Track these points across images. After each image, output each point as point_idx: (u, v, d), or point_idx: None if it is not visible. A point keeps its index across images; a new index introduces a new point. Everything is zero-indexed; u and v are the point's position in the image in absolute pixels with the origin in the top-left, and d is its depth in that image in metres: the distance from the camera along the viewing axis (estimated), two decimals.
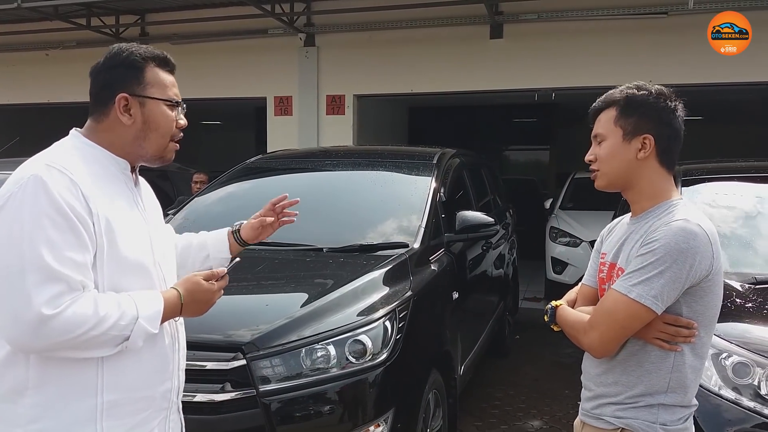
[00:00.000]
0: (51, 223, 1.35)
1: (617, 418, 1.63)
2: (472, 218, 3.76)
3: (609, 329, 1.57)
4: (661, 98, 1.63)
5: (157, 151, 1.57)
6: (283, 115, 8.43)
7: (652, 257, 1.52)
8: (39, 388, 1.40)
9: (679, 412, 1.61)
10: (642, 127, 1.61)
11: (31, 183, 1.37)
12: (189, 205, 4.06)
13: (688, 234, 1.51)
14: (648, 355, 1.59)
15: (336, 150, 5.10)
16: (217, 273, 1.60)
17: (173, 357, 1.59)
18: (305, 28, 8.17)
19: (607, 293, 1.61)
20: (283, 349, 2.50)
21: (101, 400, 1.43)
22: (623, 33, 7.08)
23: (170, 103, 1.57)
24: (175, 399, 1.61)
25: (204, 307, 1.60)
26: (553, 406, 4.45)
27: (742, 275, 3.05)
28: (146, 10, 8.52)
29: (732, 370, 2.42)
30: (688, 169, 3.99)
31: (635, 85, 1.67)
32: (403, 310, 2.81)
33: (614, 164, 1.65)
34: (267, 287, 3.06)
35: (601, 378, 1.68)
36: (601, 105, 1.69)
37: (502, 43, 7.52)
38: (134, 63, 1.54)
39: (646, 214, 1.64)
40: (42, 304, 1.31)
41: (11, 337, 1.36)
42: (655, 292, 1.50)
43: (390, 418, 2.61)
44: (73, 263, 1.36)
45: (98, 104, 1.54)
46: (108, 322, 1.37)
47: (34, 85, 9.28)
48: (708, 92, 7.60)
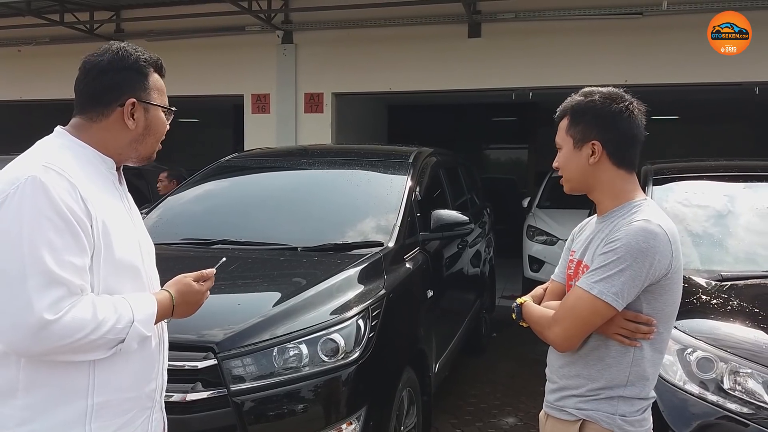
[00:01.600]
0: (51, 226, 1.33)
1: (579, 410, 1.68)
2: (446, 217, 3.78)
3: (572, 325, 1.62)
4: (608, 102, 1.68)
5: (148, 153, 1.60)
6: (260, 112, 8.38)
7: (613, 256, 1.57)
8: (29, 390, 1.38)
9: (638, 404, 1.66)
10: (588, 134, 1.67)
11: (29, 184, 1.34)
12: (163, 204, 4.03)
13: (648, 234, 1.56)
14: (609, 350, 1.65)
15: (312, 148, 5.10)
16: (206, 274, 1.63)
17: (159, 357, 1.60)
18: (283, 26, 8.13)
19: (571, 290, 1.68)
20: (255, 349, 2.49)
21: (91, 401, 1.42)
22: (599, 33, 7.16)
23: (168, 109, 1.61)
24: (158, 398, 1.62)
25: (193, 308, 1.62)
26: (528, 403, 4.49)
27: (710, 272, 3.11)
28: (121, 6, 8.41)
29: (696, 365, 2.46)
30: (660, 169, 4.05)
31: (583, 92, 1.73)
32: (377, 308, 2.82)
33: (571, 170, 1.73)
34: (240, 286, 3.05)
35: (563, 371, 1.73)
36: (559, 114, 1.77)
37: (480, 42, 7.56)
38: (142, 68, 1.55)
39: (610, 214, 1.69)
40: (44, 309, 1.30)
41: (10, 341, 1.34)
42: (615, 289, 1.56)
43: (362, 416, 2.61)
44: (73, 267, 1.35)
45: (97, 104, 1.52)
46: (105, 326, 1.37)
47: (6, 82, 9.12)
48: (683, 92, 7.72)
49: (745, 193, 3.87)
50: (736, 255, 3.48)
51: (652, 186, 3.80)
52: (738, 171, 4.14)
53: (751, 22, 6.27)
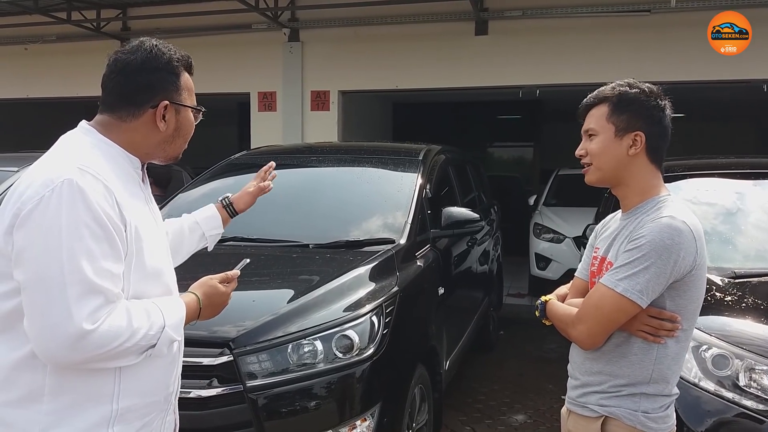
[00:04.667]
0: (90, 233, 1.30)
1: (601, 406, 1.67)
2: (457, 214, 3.79)
3: (596, 322, 1.62)
4: (652, 97, 1.68)
5: (176, 153, 1.58)
6: (266, 110, 8.38)
7: (638, 253, 1.56)
8: (55, 396, 1.35)
9: (661, 400, 1.66)
10: (633, 124, 1.65)
11: (66, 188, 1.30)
12: (172, 201, 4.04)
13: (673, 230, 1.56)
14: (632, 347, 1.64)
15: (321, 146, 5.10)
16: (230, 275, 1.63)
17: (179, 360, 1.59)
18: (289, 24, 8.13)
19: (594, 287, 1.66)
20: (269, 345, 2.50)
21: (116, 406, 1.40)
22: (607, 30, 7.14)
23: (198, 109, 1.59)
24: (173, 400, 1.61)
25: (218, 309, 1.62)
26: (536, 401, 4.50)
27: (722, 270, 3.11)
28: (128, 3, 8.41)
29: (711, 362, 2.47)
30: (670, 166, 4.03)
31: (627, 83, 1.71)
32: (390, 305, 2.82)
33: (606, 159, 1.68)
34: (253, 283, 3.05)
35: (586, 367, 1.72)
36: (592, 101, 1.73)
37: (486, 40, 7.54)
38: (175, 69, 1.52)
39: (636, 209, 1.68)
40: (83, 319, 1.28)
41: (47, 350, 1.31)
42: (640, 286, 1.55)
43: (376, 413, 2.62)
44: (110, 275, 1.33)
45: (128, 104, 1.48)
46: (140, 333, 1.36)
47: (13, 79, 9.13)
48: (690, 89, 7.70)
49: (756, 190, 3.87)
50: (747, 252, 3.48)
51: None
52: (748, 168, 4.13)
53: (755, 20, 6.26)
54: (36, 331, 1.30)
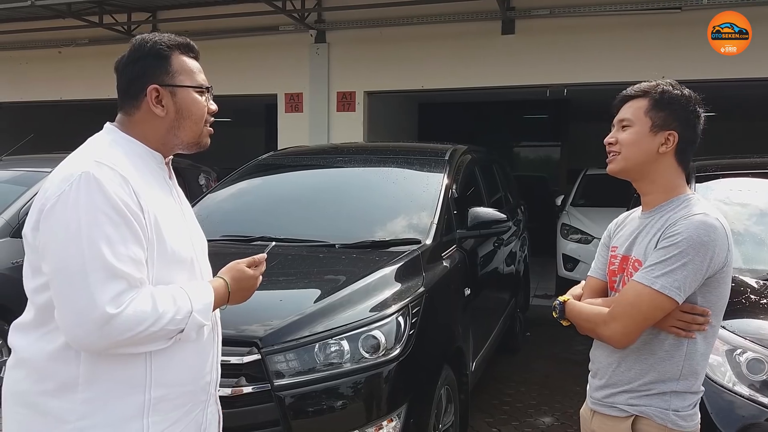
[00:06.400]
0: (108, 221, 1.33)
1: (631, 405, 1.67)
2: (484, 215, 3.76)
3: (632, 320, 1.61)
4: (691, 102, 1.71)
5: (193, 138, 1.56)
6: (293, 111, 8.44)
7: (675, 249, 1.57)
8: (90, 384, 1.39)
9: (689, 398, 1.66)
10: (669, 123, 1.68)
11: (84, 180, 1.35)
12: (202, 201, 4.09)
13: (709, 227, 1.58)
14: (662, 344, 1.65)
15: (347, 147, 5.12)
16: (258, 259, 1.64)
17: (213, 350, 1.60)
18: (316, 25, 8.18)
19: (628, 285, 1.66)
20: (297, 344, 2.51)
21: (149, 396, 1.43)
22: (636, 28, 7.03)
23: (200, 89, 1.56)
24: (213, 391, 1.62)
25: (248, 294, 1.62)
26: (564, 403, 4.45)
27: (755, 272, 3.04)
28: (158, 7, 8.57)
29: (746, 366, 2.42)
30: (702, 165, 3.96)
31: (669, 83, 1.74)
32: (416, 305, 2.82)
33: (636, 151, 1.69)
34: (280, 283, 3.08)
35: (613, 367, 1.72)
36: (633, 93, 1.74)
37: (513, 39, 7.49)
38: (160, 52, 1.52)
39: (660, 207, 1.69)
40: (106, 303, 1.31)
41: (75, 336, 1.35)
42: (678, 283, 1.57)
43: (403, 413, 2.62)
44: (132, 261, 1.36)
45: (128, 98, 1.53)
46: (166, 317, 1.38)
47: (48, 82, 9.36)
48: (722, 87, 7.55)
49: None
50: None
51: (694, 183, 3.72)
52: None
53: None
54: (64, 319, 1.35)
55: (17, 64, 9.52)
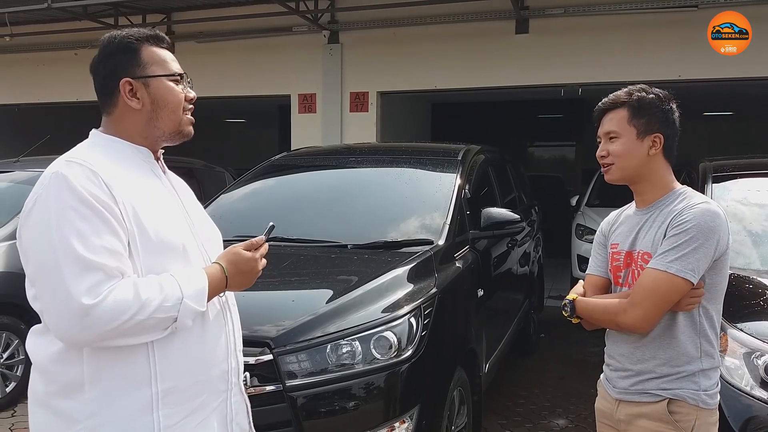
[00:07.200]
0: (77, 215, 1.35)
1: (664, 389, 1.76)
2: (497, 215, 3.74)
3: (652, 304, 1.71)
4: (666, 101, 1.83)
5: (173, 127, 1.55)
6: (307, 112, 8.46)
7: (685, 236, 1.69)
8: (95, 382, 1.40)
9: (713, 375, 1.78)
10: (653, 126, 1.80)
11: (53, 180, 1.38)
12: (215, 201, 4.11)
13: (713, 214, 1.71)
14: (678, 325, 1.76)
15: (360, 147, 5.11)
16: (255, 242, 1.58)
17: (225, 337, 1.57)
18: (329, 26, 8.19)
19: (643, 274, 1.75)
20: (309, 345, 2.51)
21: (156, 389, 1.43)
22: (652, 27, 6.96)
23: (173, 77, 1.55)
24: (235, 380, 1.60)
25: (250, 277, 1.58)
26: (578, 405, 4.41)
27: None
28: (172, 9, 8.62)
29: (765, 369, 2.38)
30: (719, 165, 3.91)
31: (641, 88, 1.84)
32: (428, 306, 2.81)
33: (629, 159, 1.81)
34: (292, 283, 3.08)
35: (637, 355, 1.81)
36: (608, 105, 1.85)
37: (527, 38, 7.45)
38: (129, 46, 1.52)
39: (659, 202, 1.81)
40: (82, 294, 1.31)
41: (59, 332, 1.36)
42: (692, 265, 1.69)
43: (415, 415, 2.61)
44: (106, 251, 1.35)
45: (105, 96, 1.54)
46: (151, 305, 1.36)
47: (64, 84, 9.45)
48: (739, 86, 7.45)
49: None
50: None
51: (711, 183, 3.68)
52: None
53: None
54: (48, 317, 1.38)
55: (34, 66, 9.63)
